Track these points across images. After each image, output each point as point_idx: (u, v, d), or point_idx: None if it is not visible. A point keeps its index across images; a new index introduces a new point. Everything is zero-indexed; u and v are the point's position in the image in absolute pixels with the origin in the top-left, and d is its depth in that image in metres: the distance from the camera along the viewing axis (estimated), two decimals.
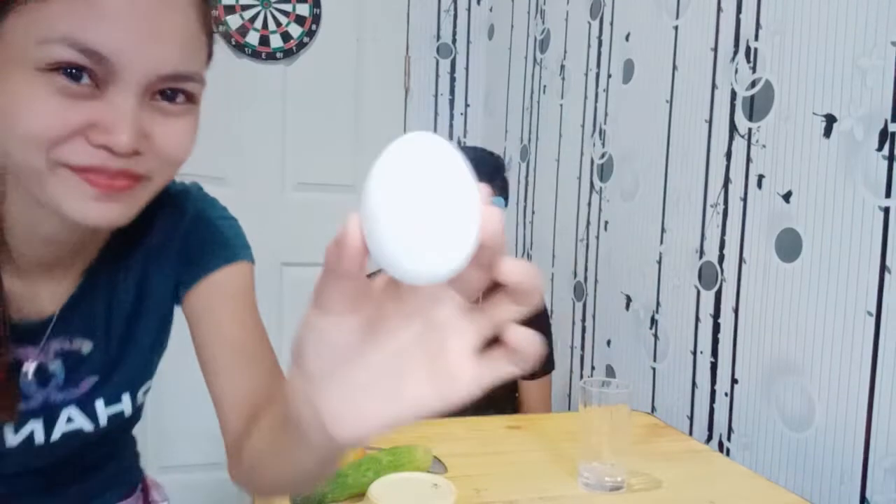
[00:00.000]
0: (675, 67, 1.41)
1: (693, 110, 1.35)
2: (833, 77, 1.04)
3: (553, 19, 1.96)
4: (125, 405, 0.74)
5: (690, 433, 1.33)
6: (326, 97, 2.32)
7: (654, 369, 1.48)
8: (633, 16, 1.56)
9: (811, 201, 1.07)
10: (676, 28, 1.40)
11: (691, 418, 1.35)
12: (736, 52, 1.23)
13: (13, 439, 0.68)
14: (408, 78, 2.43)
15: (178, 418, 2.10)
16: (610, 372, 1.65)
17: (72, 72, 0.52)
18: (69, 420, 0.71)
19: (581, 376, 1.79)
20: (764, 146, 1.17)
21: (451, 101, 2.47)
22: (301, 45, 2.28)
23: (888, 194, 0.95)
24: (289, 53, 2.27)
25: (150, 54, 0.53)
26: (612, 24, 1.65)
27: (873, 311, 0.97)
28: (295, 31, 2.27)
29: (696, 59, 1.34)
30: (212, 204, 0.78)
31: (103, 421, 0.73)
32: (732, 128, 1.24)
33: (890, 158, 0.95)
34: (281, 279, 2.33)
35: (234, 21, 2.21)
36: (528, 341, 0.38)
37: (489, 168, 1.41)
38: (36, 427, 0.69)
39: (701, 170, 1.32)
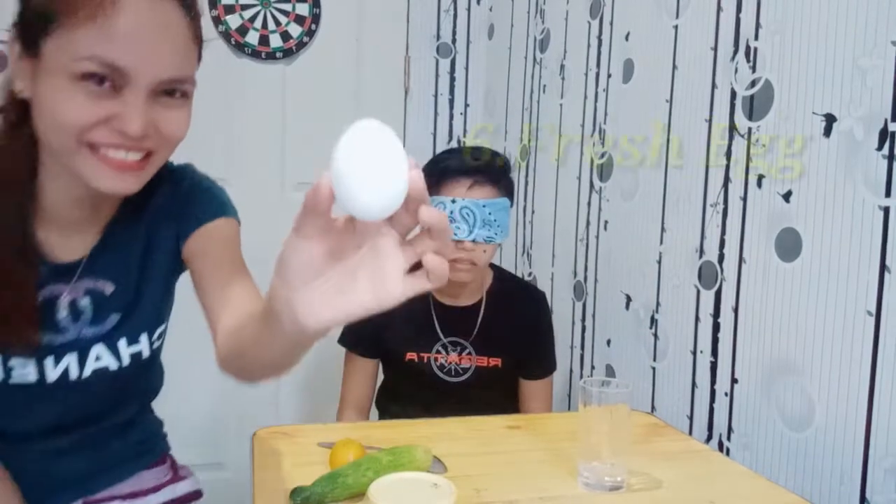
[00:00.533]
0: (674, 67, 1.41)
1: (693, 110, 1.34)
2: (833, 77, 1.03)
3: (553, 19, 1.96)
4: (143, 345, 0.91)
5: (690, 433, 1.33)
6: (326, 97, 2.32)
7: (653, 369, 1.48)
8: (633, 15, 1.56)
9: (811, 201, 1.07)
10: (676, 28, 1.40)
11: (691, 418, 1.35)
12: (736, 52, 1.23)
13: (53, 373, 0.85)
14: (408, 78, 2.43)
15: (178, 419, 2.09)
16: (610, 372, 1.65)
17: (97, 79, 0.71)
18: (97, 358, 0.87)
19: (581, 376, 1.79)
20: (764, 146, 1.17)
21: (451, 101, 2.47)
22: (301, 45, 2.28)
23: (888, 194, 0.95)
24: (288, 53, 2.27)
25: (154, 65, 0.72)
26: (611, 23, 1.65)
27: (873, 310, 0.97)
28: (295, 30, 2.27)
29: (696, 58, 1.34)
30: (205, 176, 0.96)
31: (126, 360, 0.89)
32: (732, 127, 1.24)
33: (890, 158, 0.95)
34: None
35: (233, 21, 2.21)
36: (439, 267, 0.52)
37: (495, 169, 1.41)
38: (71, 361, 0.86)
39: (701, 170, 1.32)
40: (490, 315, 1.51)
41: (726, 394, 1.26)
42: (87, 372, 0.87)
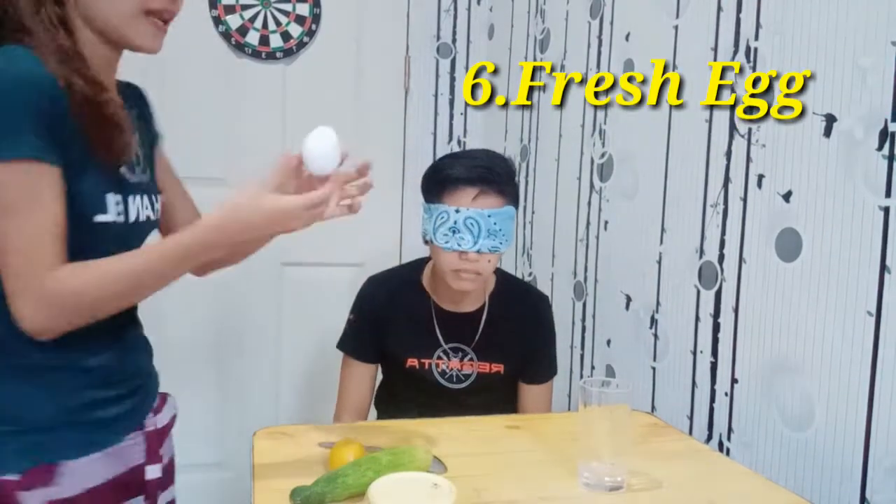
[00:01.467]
0: (675, 67, 1.41)
1: (693, 110, 1.34)
2: (833, 77, 1.04)
3: (553, 19, 1.96)
4: (157, 209, 1.04)
5: (690, 433, 1.33)
6: (326, 97, 2.32)
7: (653, 369, 1.48)
8: (633, 16, 1.56)
9: (811, 201, 1.07)
10: (676, 28, 1.40)
11: (691, 418, 1.35)
12: (736, 52, 1.23)
13: (133, 211, 0.96)
14: (408, 78, 2.43)
15: (178, 419, 2.09)
16: (610, 372, 1.65)
17: None
18: (145, 207, 0.99)
19: (581, 376, 1.79)
20: (764, 146, 1.17)
21: (451, 101, 2.47)
22: (301, 45, 2.28)
23: (888, 194, 0.95)
24: (289, 53, 2.27)
25: None
26: (612, 23, 1.65)
27: (873, 311, 0.97)
28: (295, 30, 2.27)
29: (696, 58, 1.34)
30: None
31: (155, 214, 1.03)
32: (732, 127, 1.24)
33: (890, 158, 0.95)
34: (281, 279, 2.33)
35: (234, 21, 2.21)
36: (358, 203, 0.98)
37: (502, 177, 1.37)
38: (138, 202, 0.97)
39: (701, 169, 1.32)
40: (492, 320, 1.50)
41: (726, 394, 1.26)
42: (143, 216, 0.98)
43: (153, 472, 1.00)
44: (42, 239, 0.83)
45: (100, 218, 0.90)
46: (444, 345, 1.47)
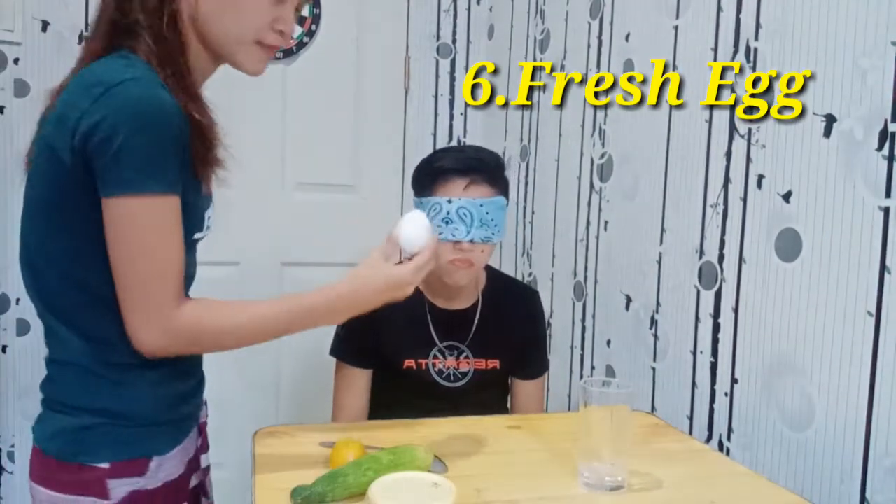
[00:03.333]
0: (675, 67, 1.41)
1: (693, 110, 1.35)
2: (833, 77, 1.04)
3: (553, 19, 1.96)
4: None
5: (690, 433, 1.33)
6: (326, 97, 2.32)
7: (654, 369, 1.48)
8: (633, 16, 1.56)
9: (811, 201, 1.08)
10: (676, 28, 1.40)
11: (691, 418, 1.35)
12: (736, 52, 1.24)
13: (209, 223, 0.99)
14: (407, 78, 2.43)
15: None
16: (610, 372, 1.65)
17: None
18: (210, 216, 1.00)
19: (581, 376, 1.79)
20: (764, 146, 1.17)
21: (451, 101, 2.47)
22: (301, 45, 2.28)
23: (888, 194, 0.95)
24: (289, 53, 2.27)
25: None
26: (612, 24, 1.65)
27: (873, 311, 0.97)
28: (295, 31, 2.27)
29: (696, 59, 1.34)
30: None
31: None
32: (732, 128, 1.24)
33: (890, 158, 0.95)
34: (281, 279, 2.33)
35: None
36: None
37: (492, 167, 1.40)
38: (209, 212, 1.00)
39: (701, 170, 1.32)
40: (486, 316, 1.50)
41: (726, 394, 1.26)
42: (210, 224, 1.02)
43: (206, 459, 1.08)
44: (170, 272, 0.87)
45: (197, 235, 0.96)
46: (440, 343, 1.47)
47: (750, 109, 1.20)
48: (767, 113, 1.16)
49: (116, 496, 0.88)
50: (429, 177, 1.39)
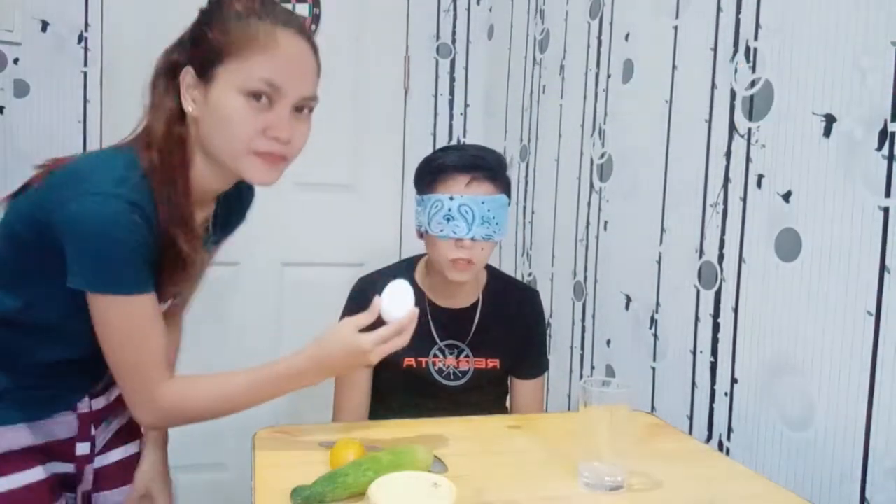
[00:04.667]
0: (674, 67, 1.41)
1: (692, 110, 1.35)
2: (833, 77, 1.04)
3: (553, 19, 1.96)
4: None
5: (690, 433, 1.33)
6: (326, 97, 2.31)
7: (653, 369, 1.48)
8: (633, 16, 1.56)
9: (811, 201, 1.08)
10: (676, 28, 1.40)
11: (691, 418, 1.35)
12: (736, 52, 1.24)
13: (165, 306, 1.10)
14: (407, 78, 2.43)
15: None
16: (610, 372, 1.65)
17: (258, 96, 0.97)
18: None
19: (581, 376, 1.79)
20: (764, 146, 1.17)
21: (451, 101, 2.47)
22: None
23: (888, 194, 0.95)
24: None
25: (300, 84, 1.00)
26: (611, 24, 1.65)
27: (873, 311, 0.97)
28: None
29: (696, 58, 1.34)
30: None
31: None
32: (732, 127, 1.24)
33: (890, 158, 0.95)
34: (281, 279, 2.33)
35: None
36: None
37: (493, 165, 1.40)
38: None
39: (700, 170, 1.33)
40: (486, 316, 1.50)
41: (726, 394, 1.26)
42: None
43: (82, 448, 1.14)
44: (153, 358, 1.00)
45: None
46: (440, 342, 1.48)
47: (750, 109, 1.20)
48: (767, 113, 1.16)
49: None
50: (431, 174, 1.39)
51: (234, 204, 1.21)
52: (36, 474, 1.06)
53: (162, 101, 1.01)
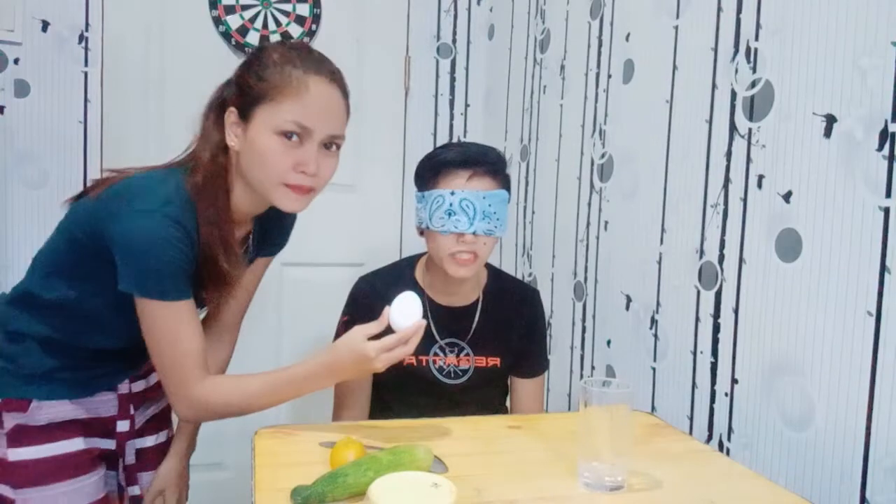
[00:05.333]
0: (675, 67, 1.41)
1: (693, 110, 1.35)
2: (833, 77, 1.04)
3: (553, 19, 1.96)
4: None
5: (690, 433, 1.33)
6: None
7: (654, 369, 1.48)
8: (633, 16, 1.57)
9: (811, 202, 1.08)
10: (676, 28, 1.40)
11: (691, 418, 1.35)
12: (736, 52, 1.24)
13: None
14: (408, 78, 2.43)
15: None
16: (610, 372, 1.65)
17: (289, 135, 1.10)
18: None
19: (581, 376, 1.79)
20: (764, 146, 1.17)
21: (451, 101, 2.47)
22: None
23: (888, 194, 0.95)
24: None
25: (327, 126, 1.12)
26: (612, 24, 1.65)
27: (873, 311, 0.97)
28: (295, 31, 2.27)
29: (696, 59, 1.34)
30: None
31: None
32: (732, 128, 1.24)
33: (890, 158, 0.95)
34: (281, 279, 2.33)
35: (234, 21, 2.21)
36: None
37: (494, 161, 1.40)
38: None
39: (701, 170, 1.33)
40: (487, 314, 1.50)
41: (726, 394, 1.26)
42: None
43: (122, 425, 1.26)
44: (188, 360, 1.10)
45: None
46: (440, 340, 1.48)
47: (750, 109, 1.20)
48: (767, 113, 1.16)
49: (7, 426, 1.14)
50: (431, 170, 1.39)
51: (276, 225, 1.33)
52: (76, 444, 1.18)
53: (210, 133, 1.16)
